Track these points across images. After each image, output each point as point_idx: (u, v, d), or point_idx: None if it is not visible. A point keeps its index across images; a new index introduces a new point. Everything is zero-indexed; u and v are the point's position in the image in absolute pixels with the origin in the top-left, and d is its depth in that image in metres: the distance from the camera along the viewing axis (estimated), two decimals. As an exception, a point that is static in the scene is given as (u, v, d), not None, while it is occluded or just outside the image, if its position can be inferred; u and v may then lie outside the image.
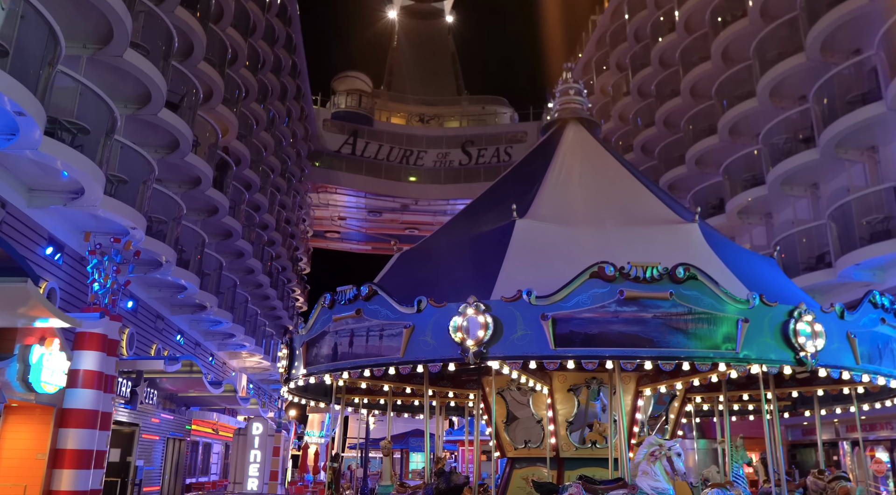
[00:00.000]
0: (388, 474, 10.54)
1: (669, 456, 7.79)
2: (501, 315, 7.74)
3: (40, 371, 13.35)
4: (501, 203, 10.79)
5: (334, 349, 8.81)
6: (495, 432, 11.15)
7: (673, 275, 7.65)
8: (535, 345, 7.62)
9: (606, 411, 10.64)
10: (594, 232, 9.46)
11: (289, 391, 11.10)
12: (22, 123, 11.61)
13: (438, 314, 8.00)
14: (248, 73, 30.42)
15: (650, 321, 7.57)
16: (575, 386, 10.45)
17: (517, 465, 11.09)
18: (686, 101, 30.99)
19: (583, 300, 7.65)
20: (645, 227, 9.63)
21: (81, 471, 14.56)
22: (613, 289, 7.64)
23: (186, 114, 21.24)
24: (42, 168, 14.16)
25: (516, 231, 9.40)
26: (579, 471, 9.99)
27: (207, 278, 24.82)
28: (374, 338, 8.35)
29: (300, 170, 46.83)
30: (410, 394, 12.18)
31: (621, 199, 10.57)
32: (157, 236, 19.36)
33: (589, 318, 7.60)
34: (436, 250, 10.60)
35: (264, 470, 24.74)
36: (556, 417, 10.41)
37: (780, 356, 7.82)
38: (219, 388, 24.00)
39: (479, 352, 7.66)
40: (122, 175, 17.05)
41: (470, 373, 11.32)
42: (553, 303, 7.69)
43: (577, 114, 12.79)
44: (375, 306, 8.44)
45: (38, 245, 15.63)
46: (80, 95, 15.15)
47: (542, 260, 8.89)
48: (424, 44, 68.52)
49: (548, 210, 10.05)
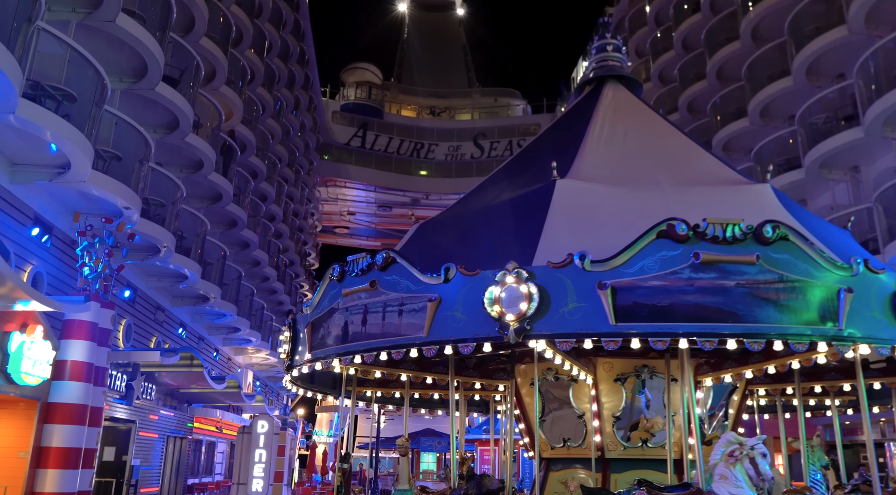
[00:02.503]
0: (405, 476, 9.17)
1: (753, 456, 6.39)
2: (548, 284, 6.36)
3: (20, 361, 12.17)
4: (534, 166, 9.41)
5: (344, 329, 7.44)
6: (528, 429, 9.75)
7: (759, 235, 6.24)
8: (590, 320, 6.22)
9: (652, 406, 9.25)
10: (649, 192, 8.05)
11: (291, 380, 9.75)
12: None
13: (470, 284, 6.62)
14: (254, 55, 29.15)
15: (733, 290, 6.16)
16: (623, 376, 9.04)
17: (554, 467, 9.65)
18: (712, 85, 29.60)
19: (649, 265, 6.24)
20: (708, 188, 8.22)
21: (68, 471, 13.36)
22: (686, 251, 6.24)
23: (187, 91, 19.97)
24: (25, 139, 12.92)
25: (557, 192, 7.99)
26: (628, 474, 8.64)
27: (210, 268, 23.55)
28: (392, 314, 6.97)
29: (308, 162, 45.62)
30: (430, 386, 10.79)
31: (675, 159, 9.15)
32: (156, 221, 18.09)
33: (657, 287, 6.21)
34: (461, 218, 9.21)
35: (270, 471, 23.45)
36: (600, 411, 8.99)
37: (893, 335, 6.40)
38: (222, 384, 22.76)
39: (522, 328, 6.28)
40: (115, 151, 15.78)
41: (499, 361, 9.95)
42: (612, 270, 6.29)
43: (615, 72, 11.39)
44: (394, 277, 7.07)
45: (23, 226, 14.37)
46: (68, 63, 13.92)
47: (589, 222, 7.50)
48: (435, 36, 67.39)
49: (592, 170, 8.65)
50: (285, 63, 36.28)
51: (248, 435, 24.80)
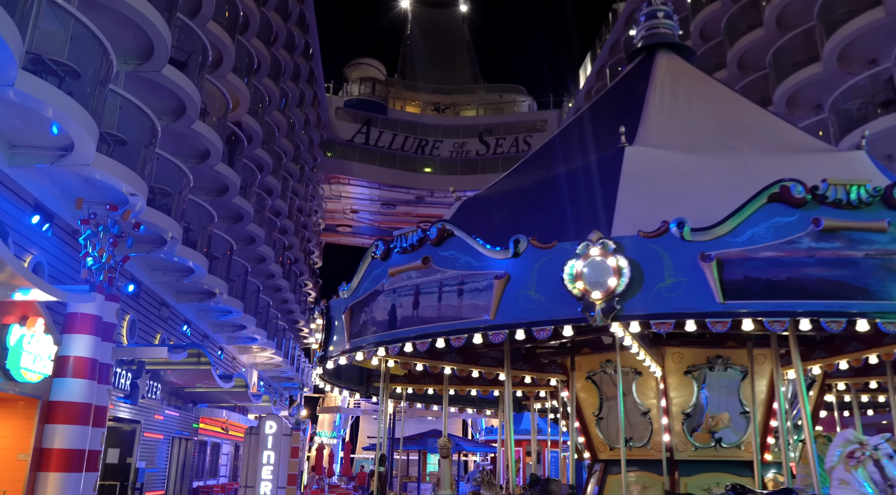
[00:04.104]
0: (447, 480, 8.24)
1: (878, 458, 5.47)
2: (640, 256, 5.45)
3: (20, 356, 11.24)
4: (588, 138, 8.49)
5: (392, 313, 6.51)
6: (583, 428, 8.80)
7: (889, 198, 5.34)
8: (692, 298, 5.31)
9: (719, 402, 8.33)
10: (729, 160, 7.15)
11: (320, 376, 8.80)
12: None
13: (546, 258, 5.70)
14: (261, 44, 28.21)
15: (862, 262, 5.25)
16: (694, 367, 8.11)
17: (613, 470, 8.71)
18: (732, 74, 28.73)
19: (760, 233, 5.34)
20: (796, 156, 7.32)
21: (71, 474, 12.40)
22: (804, 217, 5.34)
23: (194, 76, 19.02)
24: (25, 119, 11.99)
25: (627, 159, 7.08)
26: (699, 478, 7.71)
27: (216, 262, 22.58)
28: (449, 295, 6.04)
29: (312, 158, 44.67)
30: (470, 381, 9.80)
31: (751, 128, 8.26)
32: (161, 210, 17.14)
33: (772, 259, 5.31)
34: (512, 193, 8.27)
35: (278, 473, 22.47)
36: (669, 407, 8.07)
37: None
38: (229, 382, 21.85)
39: (611, 307, 5.36)
40: (120, 134, 14.84)
41: (553, 352, 9.00)
42: (717, 239, 5.38)
43: (667, 39, 10.49)
44: (451, 252, 6.14)
45: (22, 212, 13.43)
46: (70, 40, 12.98)
47: (668, 191, 6.59)
48: (438, 32, 66.57)
49: (658, 138, 7.74)
50: (291, 55, 35.38)
51: (255, 437, 23.83)
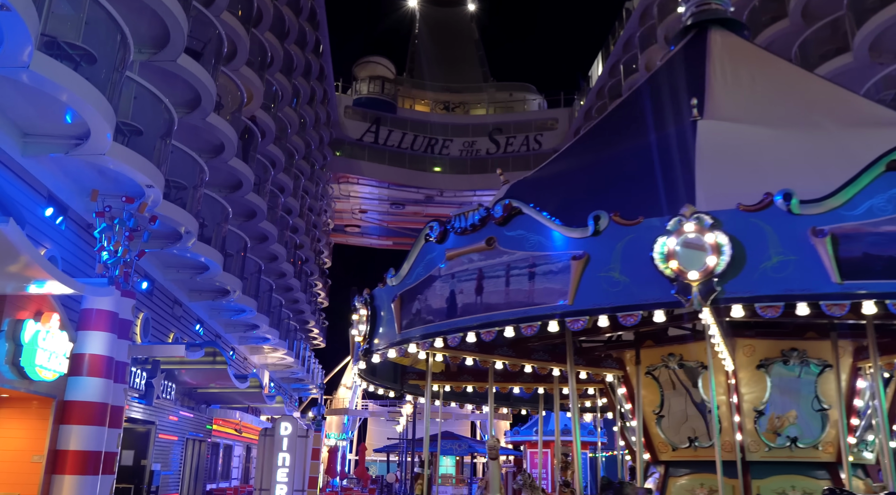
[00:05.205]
0: (496, 483, 7.65)
1: None
2: (741, 232, 4.86)
3: (34, 353, 10.64)
4: (645, 116, 7.90)
5: (451, 300, 5.91)
6: (642, 427, 8.20)
7: None
8: (805, 278, 4.73)
9: (787, 399, 7.73)
10: (811, 134, 6.57)
11: (360, 373, 8.21)
12: (4, 21, 8.82)
13: (631, 236, 5.12)
14: (274, 38, 27.68)
15: None
16: (767, 361, 7.50)
17: (675, 472, 8.11)
18: (755, 67, 28.08)
19: (879, 205, 4.76)
20: (885, 130, 6.72)
21: (87, 477, 11.80)
22: (929, 186, 4.76)
23: (209, 66, 18.50)
24: (39, 106, 11.49)
25: (701, 133, 6.50)
26: (773, 480, 7.12)
27: (230, 260, 22.04)
28: (519, 278, 5.45)
29: (322, 157, 44.17)
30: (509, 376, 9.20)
31: (826, 102, 7.68)
32: (176, 204, 16.61)
33: (894, 233, 4.71)
34: (566, 174, 7.67)
35: (294, 476, 21.88)
36: (740, 405, 7.46)
37: None
38: (244, 383, 21.32)
39: (710, 289, 4.77)
40: (135, 124, 14.31)
41: (612, 346, 8.40)
42: (830, 212, 4.80)
43: (719, 15, 9.90)
44: (519, 231, 5.55)
45: (36, 204, 12.91)
46: (85, 24, 12.46)
47: (751, 165, 6.02)
48: (447, 31, 66.10)
49: (730, 112, 7.17)
50: (302, 51, 34.87)
51: (269, 438, 23.28)
